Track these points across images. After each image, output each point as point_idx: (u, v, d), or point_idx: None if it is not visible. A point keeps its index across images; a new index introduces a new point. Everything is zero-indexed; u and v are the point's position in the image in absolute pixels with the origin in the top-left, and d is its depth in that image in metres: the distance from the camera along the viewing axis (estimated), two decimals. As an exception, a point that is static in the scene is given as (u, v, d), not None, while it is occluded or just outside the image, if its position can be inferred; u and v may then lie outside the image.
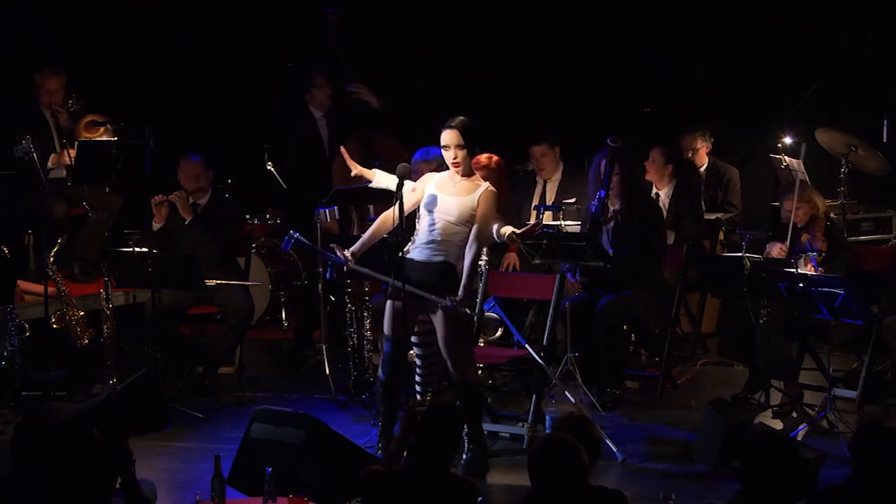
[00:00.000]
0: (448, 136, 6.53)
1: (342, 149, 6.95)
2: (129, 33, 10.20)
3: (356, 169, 6.81)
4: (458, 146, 6.50)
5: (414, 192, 6.57)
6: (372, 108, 9.11)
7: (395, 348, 6.59)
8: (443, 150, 6.57)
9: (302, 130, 9.09)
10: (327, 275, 6.89)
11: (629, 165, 7.84)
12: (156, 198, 8.19)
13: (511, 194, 9.02)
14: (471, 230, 6.46)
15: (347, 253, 6.55)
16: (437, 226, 6.49)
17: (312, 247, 6.83)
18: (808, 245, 7.36)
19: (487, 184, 6.51)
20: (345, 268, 6.63)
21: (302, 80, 9.16)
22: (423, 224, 6.55)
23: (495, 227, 6.62)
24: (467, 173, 6.54)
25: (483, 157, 6.57)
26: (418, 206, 6.59)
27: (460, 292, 6.38)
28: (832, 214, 8.00)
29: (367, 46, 9.41)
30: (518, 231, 6.65)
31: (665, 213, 8.48)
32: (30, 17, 9.81)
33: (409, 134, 8.92)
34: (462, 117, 6.57)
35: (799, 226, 7.50)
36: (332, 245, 6.65)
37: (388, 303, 6.59)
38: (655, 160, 8.64)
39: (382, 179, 6.74)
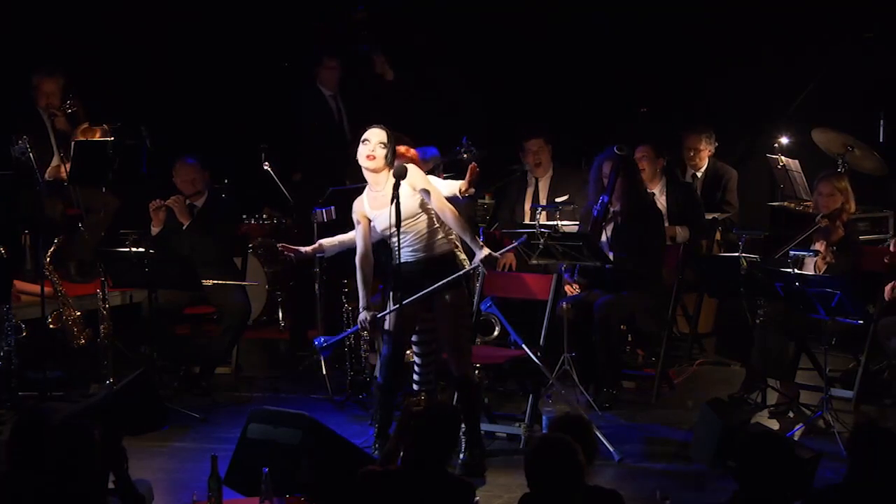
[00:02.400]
0: (374, 133, 6.53)
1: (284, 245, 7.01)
2: (126, 33, 10.19)
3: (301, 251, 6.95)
4: (381, 143, 6.48)
5: (360, 225, 6.62)
6: (384, 83, 9.10)
7: (394, 350, 6.57)
8: (362, 143, 6.53)
9: (313, 106, 9.03)
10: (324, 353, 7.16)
11: (634, 171, 7.86)
12: (154, 203, 8.18)
13: (504, 195, 9.08)
14: (432, 211, 6.47)
15: (366, 315, 6.56)
16: (405, 230, 6.45)
17: (339, 339, 7.05)
18: (826, 231, 7.35)
19: None
20: (369, 323, 6.63)
21: (311, 57, 9.16)
22: (394, 239, 6.47)
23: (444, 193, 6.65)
24: (378, 170, 6.50)
25: (401, 148, 6.69)
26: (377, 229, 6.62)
27: (478, 253, 6.40)
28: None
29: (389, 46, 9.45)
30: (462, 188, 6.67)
31: (666, 213, 8.49)
32: (28, 16, 9.81)
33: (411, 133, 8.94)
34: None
35: (818, 215, 7.46)
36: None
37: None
38: (647, 155, 8.60)
39: (330, 248, 6.92)
